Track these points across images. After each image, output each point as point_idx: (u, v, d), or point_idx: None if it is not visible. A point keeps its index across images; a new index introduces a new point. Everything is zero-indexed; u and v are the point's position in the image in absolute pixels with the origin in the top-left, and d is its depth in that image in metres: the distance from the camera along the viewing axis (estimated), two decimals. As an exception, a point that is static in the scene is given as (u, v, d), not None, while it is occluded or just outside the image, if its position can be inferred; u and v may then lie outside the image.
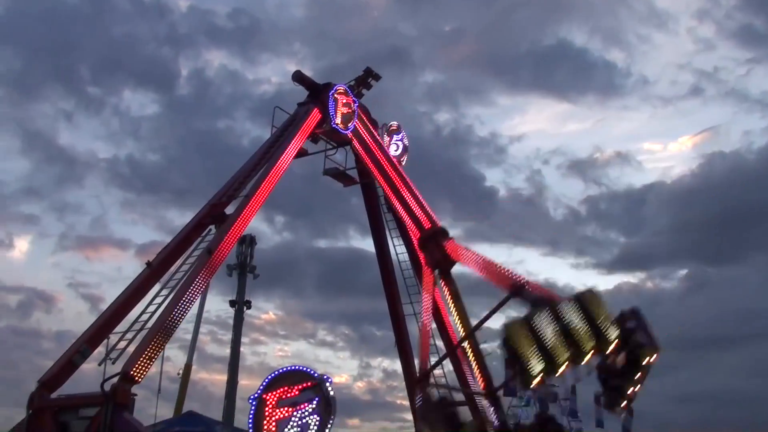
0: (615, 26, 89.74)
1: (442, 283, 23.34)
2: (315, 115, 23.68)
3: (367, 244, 25.22)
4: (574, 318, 17.12)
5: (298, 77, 24.39)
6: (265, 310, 70.75)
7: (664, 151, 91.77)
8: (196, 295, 18.49)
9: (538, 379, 16.48)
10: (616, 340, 17.69)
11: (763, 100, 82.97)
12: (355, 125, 24.66)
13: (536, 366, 16.44)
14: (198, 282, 18.38)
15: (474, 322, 22.77)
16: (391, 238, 26.61)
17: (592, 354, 17.47)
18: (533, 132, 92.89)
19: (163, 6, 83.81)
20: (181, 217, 75.49)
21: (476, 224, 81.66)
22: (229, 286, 35.43)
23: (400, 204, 23.99)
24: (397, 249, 26.48)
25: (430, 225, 23.50)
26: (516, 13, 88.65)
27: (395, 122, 26.91)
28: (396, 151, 26.56)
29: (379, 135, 26.18)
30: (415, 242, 23.84)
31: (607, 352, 17.79)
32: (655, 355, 18.89)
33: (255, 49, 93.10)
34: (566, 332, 16.89)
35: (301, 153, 24.12)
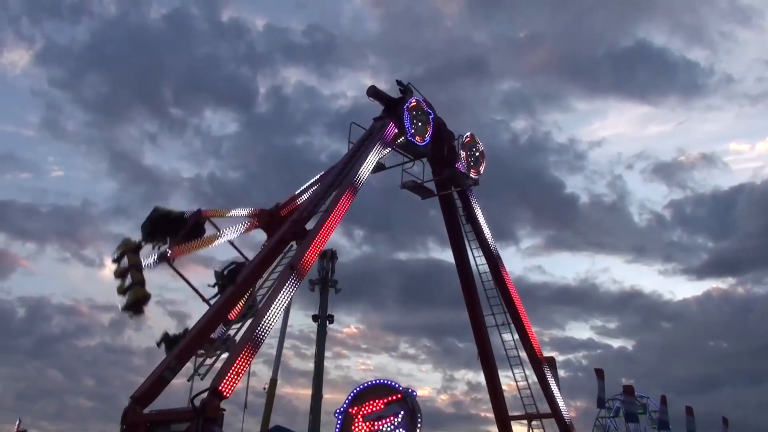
0: (696, 24, 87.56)
1: None
2: (391, 129, 23.80)
3: (447, 256, 25.20)
4: None
5: (373, 92, 24.54)
6: (346, 324, 71.40)
7: (752, 151, 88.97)
8: (279, 311, 18.73)
9: None
10: None
11: None
12: (430, 138, 24.65)
13: None
14: (281, 297, 18.62)
15: (555, 331, 22.33)
16: (471, 249, 26.52)
17: None
18: (613, 136, 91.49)
19: (241, 26, 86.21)
20: (261, 234, 77.02)
21: (557, 232, 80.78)
22: (312, 300, 35.89)
23: None
24: (477, 260, 26.37)
25: None
26: (592, 15, 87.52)
27: (470, 133, 26.74)
28: (473, 162, 26.38)
29: (456, 146, 26.09)
30: None
31: None
32: None
33: (331, 65, 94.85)
34: None
35: (379, 167, 24.25)
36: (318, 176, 24.02)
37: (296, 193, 24.28)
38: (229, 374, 16.75)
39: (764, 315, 76.50)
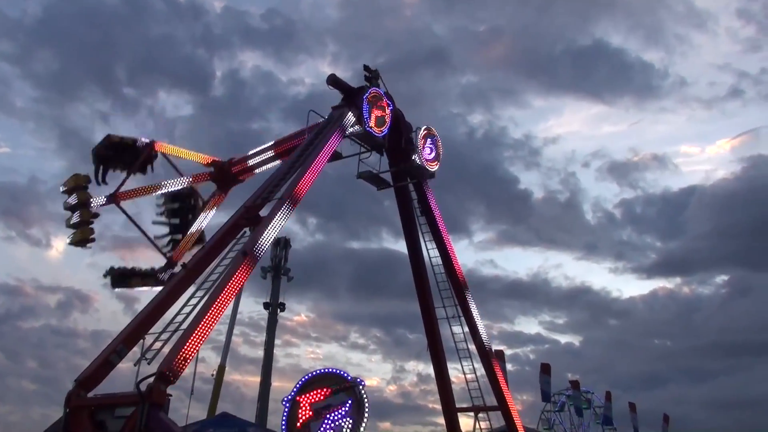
0: (653, 26, 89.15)
1: None
2: (349, 119, 23.75)
3: (400, 246, 25.31)
4: None
5: (333, 81, 24.44)
6: (297, 312, 71.34)
7: (702, 154, 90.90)
8: (230, 297, 18.57)
9: None
10: None
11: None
12: (388, 129, 24.72)
13: None
14: (232, 284, 18.47)
15: (504, 325, 22.66)
16: (425, 241, 26.64)
17: None
18: (568, 134, 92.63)
19: (199, 7, 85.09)
20: (215, 218, 76.23)
21: (510, 227, 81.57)
22: (263, 288, 35.71)
23: None
24: (431, 252, 26.51)
25: None
26: (552, 12, 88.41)
27: (428, 126, 26.84)
28: (429, 154, 26.50)
29: (413, 138, 26.17)
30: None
31: None
32: None
33: (289, 51, 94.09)
34: None
35: (335, 156, 24.18)
36: (271, 143, 24.24)
37: (249, 153, 24.58)
38: (176, 360, 16.58)
39: (708, 315, 78.56)
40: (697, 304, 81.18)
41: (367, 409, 16.68)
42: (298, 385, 17.09)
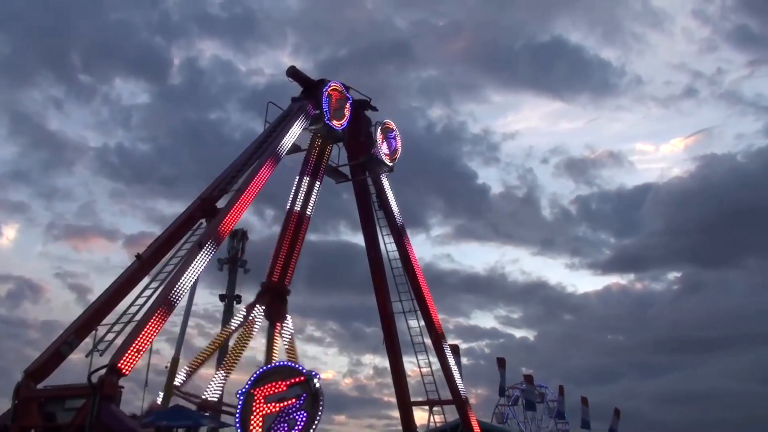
0: (611, 24, 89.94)
1: None
2: (309, 111, 23.67)
3: (358, 239, 25.27)
4: None
5: (293, 73, 24.36)
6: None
7: (656, 152, 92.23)
8: (185, 289, 18.44)
9: None
10: None
11: (758, 102, 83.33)
12: (347, 123, 24.71)
13: None
14: (188, 275, 18.34)
15: (460, 319, 22.92)
16: (382, 235, 26.72)
17: None
18: (527, 130, 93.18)
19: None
20: (170, 208, 75.25)
21: (467, 222, 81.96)
22: (219, 279, 35.33)
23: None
24: (388, 246, 26.58)
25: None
26: (512, 8, 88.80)
27: (388, 120, 26.90)
28: (388, 148, 26.55)
29: (372, 132, 26.21)
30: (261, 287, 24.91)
31: None
32: None
33: (249, 40, 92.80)
34: None
35: (294, 149, 24.12)
36: None
37: None
38: (129, 351, 16.41)
39: (660, 311, 79.97)
40: (650, 299, 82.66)
41: (321, 403, 16.68)
42: (252, 378, 17.00)
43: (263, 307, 23.11)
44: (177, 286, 17.93)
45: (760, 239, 72.99)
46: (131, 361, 16.46)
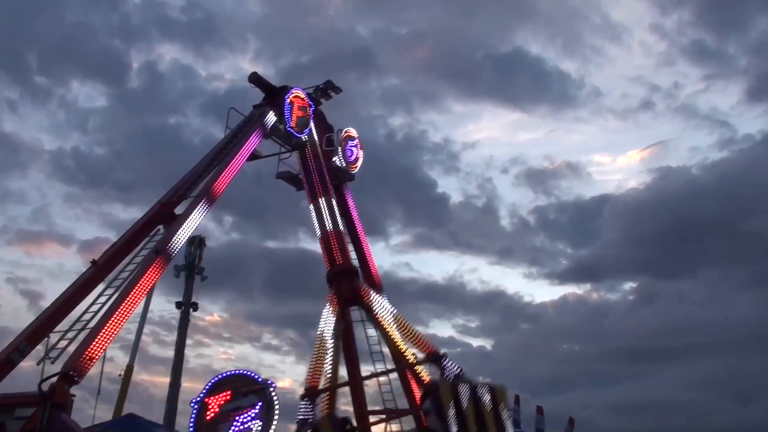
0: (571, 36, 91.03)
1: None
2: (270, 118, 23.57)
3: (318, 246, 25.13)
4: (486, 401, 17.93)
5: (255, 79, 24.23)
6: (210, 312, 69.93)
7: (613, 163, 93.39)
8: (141, 296, 18.19)
9: None
10: None
11: (712, 116, 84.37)
12: (309, 130, 24.65)
13: (453, 428, 16.89)
14: (144, 282, 18.10)
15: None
16: (342, 243, 26.58)
17: None
18: (486, 140, 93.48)
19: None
20: (125, 214, 74.39)
21: (427, 230, 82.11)
22: (175, 286, 35.00)
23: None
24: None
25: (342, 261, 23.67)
26: (474, 18, 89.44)
27: (350, 128, 26.90)
28: (351, 156, 26.55)
29: (334, 140, 26.18)
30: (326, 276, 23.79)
31: None
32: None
33: (209, 45, 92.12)
34: (477, 411, 17.61)
35: (255, 155, 23.99)
36: None
37: None
38: (81, 359, 16.12)
39: (615, 321, 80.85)
40: (606, 309, 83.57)
41: (276, 412, 16.59)
42: (207, 387, 16.85)
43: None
44: (131, 295, 17.65)
45: (713, 251, 74.36)
46: (84, 368, 16.17)
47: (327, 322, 22.16)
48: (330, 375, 20.66)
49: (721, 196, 71.33)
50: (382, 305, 22.87)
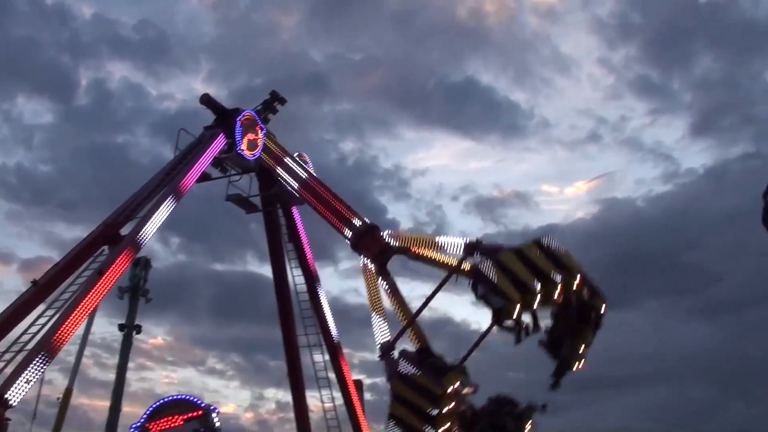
0: (521, 67, 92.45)
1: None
2: (221, 140, 23.46)
3: (266, 270, 25.01)
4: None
5: (206, 101, 24.08)
6: (154, 335, 68.67)
7: (560, 194, 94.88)
8: (82, 317, 17.83)
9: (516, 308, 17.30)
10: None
11: (657, 150, 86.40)
12: (260, 153, 24.54)
13: (515, 295, 17.20)
14: (86, 303, 17.76)
15: (366, 354, 22.95)
16: (291, 268, 26.50)
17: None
18: (437, 167, 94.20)
19: (66, 12, 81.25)
20: (69, 233, 72.92)
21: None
22: (119, 308, 34.31)
23: (328, 211, 24.01)
24: (296, 279, 26.39)
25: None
26: (428, 46, 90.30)
27: (301, 153, 26.87)
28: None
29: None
30: (350, 243, 23.53)
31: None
32: (604, 306, 19.54)
33: (161, 64, 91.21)
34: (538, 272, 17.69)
35: (204, 177, 23.81)
36: None
37: None
38: (18, 381, 15.71)
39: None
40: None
41: (220, 438, 16.36)
42: (148, 411, 16.56)
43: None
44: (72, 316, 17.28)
45: (657, 283, 75.77)
46: (20, 391, 15.77)
47: (371, 288, 22.73)
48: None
49: (665, 228, 72.90)
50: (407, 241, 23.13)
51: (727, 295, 67.21)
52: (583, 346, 19.36)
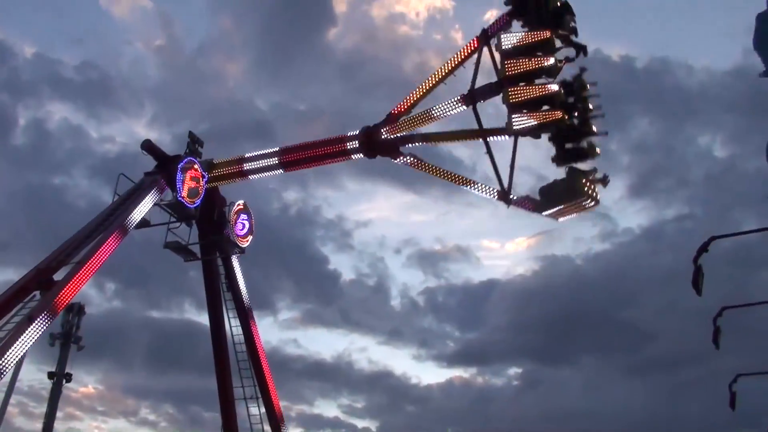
0: (465, 122, 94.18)
1: None
2: (161, 186, 23.30)
3: (203, 318, 24.67)
4: None
5: (148, 147, 24.00)
6: (84, 383, 66.67)
7: (501, 249, 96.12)
8: (10, 365, 17.30)
9: None
10: None
11: (596, 209, 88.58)
12: (201, 201, 24.44)
13: None
14: (14, 350, 17.27)
15: (303, 407, 22.76)
16: (228, 317, 26.20)
17: None
18: (379, 219, 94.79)
19: (7, 50, 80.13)
20: (0, 275, 70.71)
21: (317, 307, 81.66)
22: (49, 354, 33.32)
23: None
24: (234, 329, 26.08)
25: None
26: (372, 97, 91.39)
27: (242, 201, 26.85)
28: (242, 230, 26.41)
29: (226, 212, 26.05)
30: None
31: None
32: None
33: (102, 106, 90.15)
34: None
35: (143, 223, 23.54)
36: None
37: None
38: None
39: (501, 405, 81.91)
40: (491, 394, 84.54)
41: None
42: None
43: None
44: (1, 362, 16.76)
45: (595, 340, 76.82)
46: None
47: None
48: None
49: (602, 286, 74.47)
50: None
51: (661, 353, 68.70)
52: None
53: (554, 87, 20.45)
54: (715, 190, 74.95)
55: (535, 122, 20.64)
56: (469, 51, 22.22)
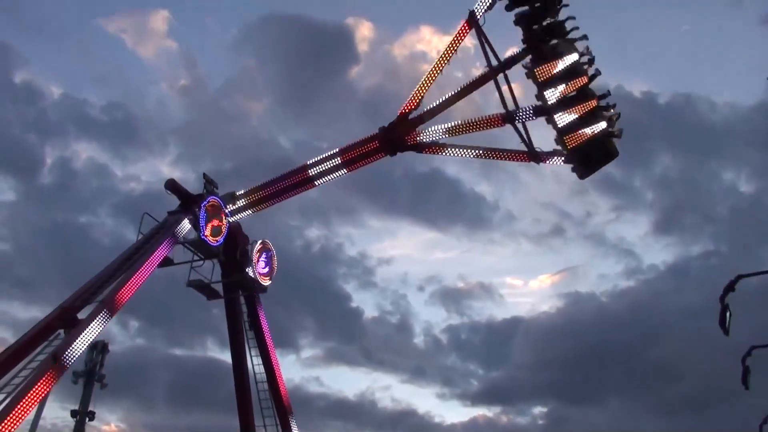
0: (487, 160, 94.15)
1: None
2: (184, 225, 23.48)
3: (226, 356, 24.64)
4: None
5: (171, 186, 24.21)
6: (107, 421, 66.59)
7: (525, 287, 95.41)
8: (33, 403, 17.35)
9: None
10: None
11: (619, 245, 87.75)
12: (224, 239, 24.58)
13: None
14: (38, 389, 17.32)
15: None
16: (251, 356, 26.17)
17: None
18: (402, 256, 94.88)
19: (35, 90, 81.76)
20: (25, 313, 71.38)
21: (339, 345, 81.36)
22: (72, 393, 33.40)
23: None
24: (256, 368, 26.02)
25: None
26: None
27: (264, 240, 26.96)
28: (264, 269, 26.48)
29: (249, 251, 26.15)
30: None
31: None
32: None
33: (128, 146, 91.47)
34: None
35: (166, 262, 23.69)
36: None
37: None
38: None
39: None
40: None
41: None
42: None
43: None
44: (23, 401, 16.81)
45: (621, 378, 75.82)
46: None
47: None
48: None
49: (628, 323, 73.57)
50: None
51: (688, 392, 67.52)
52: None
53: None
54: (741, 226, 74.32)
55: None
56: (461, 36, 24.01)
